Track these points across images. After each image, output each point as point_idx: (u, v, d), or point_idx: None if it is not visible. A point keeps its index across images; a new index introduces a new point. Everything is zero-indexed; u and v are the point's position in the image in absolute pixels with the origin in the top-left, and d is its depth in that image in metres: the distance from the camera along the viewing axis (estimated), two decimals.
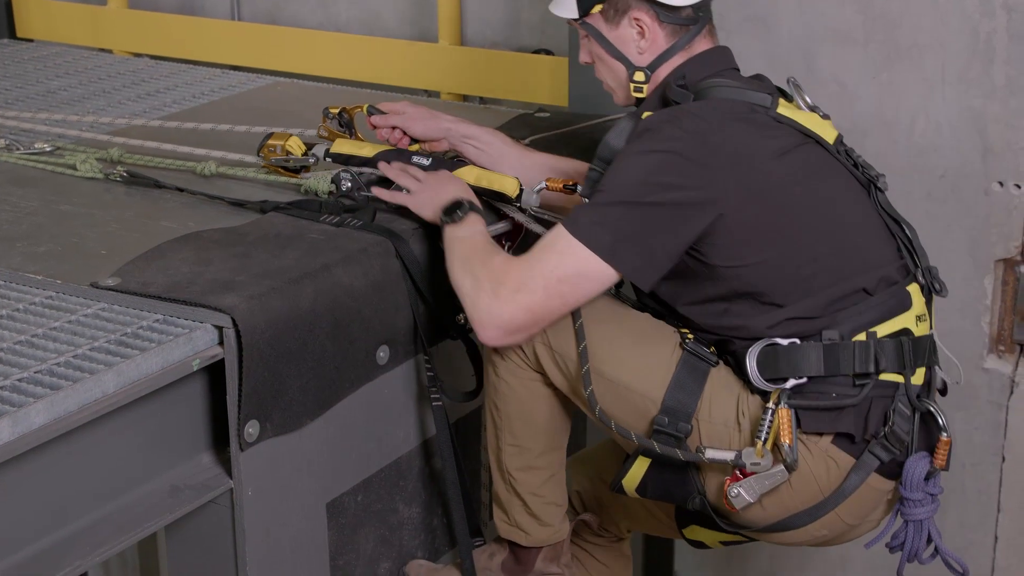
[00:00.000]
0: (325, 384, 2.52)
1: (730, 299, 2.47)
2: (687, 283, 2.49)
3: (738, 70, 2.66)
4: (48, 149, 3.22)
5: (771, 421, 2.40)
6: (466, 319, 2.73)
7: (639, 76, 2.61)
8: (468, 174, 2.83)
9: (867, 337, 2.44)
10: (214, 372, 2.37)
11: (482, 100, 4.10)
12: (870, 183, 2.58)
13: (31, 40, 4.80)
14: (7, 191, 2.98)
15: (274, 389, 2.39)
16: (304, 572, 2.58)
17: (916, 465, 2.47)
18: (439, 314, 2.73)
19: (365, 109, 3.01)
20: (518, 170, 2.90)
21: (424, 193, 2.70)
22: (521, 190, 2.80)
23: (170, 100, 3.78)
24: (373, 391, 2.66)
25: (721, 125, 2.42)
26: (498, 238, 2.82)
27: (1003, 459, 3.39)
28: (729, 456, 2.41)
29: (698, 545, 2.80)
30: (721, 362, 2.52)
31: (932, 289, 2.59)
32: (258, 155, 3.01)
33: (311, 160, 2.95)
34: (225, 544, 2.44)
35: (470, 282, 2.46)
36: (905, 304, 2.51)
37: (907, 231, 2.59)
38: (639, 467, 2.55)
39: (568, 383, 2.57)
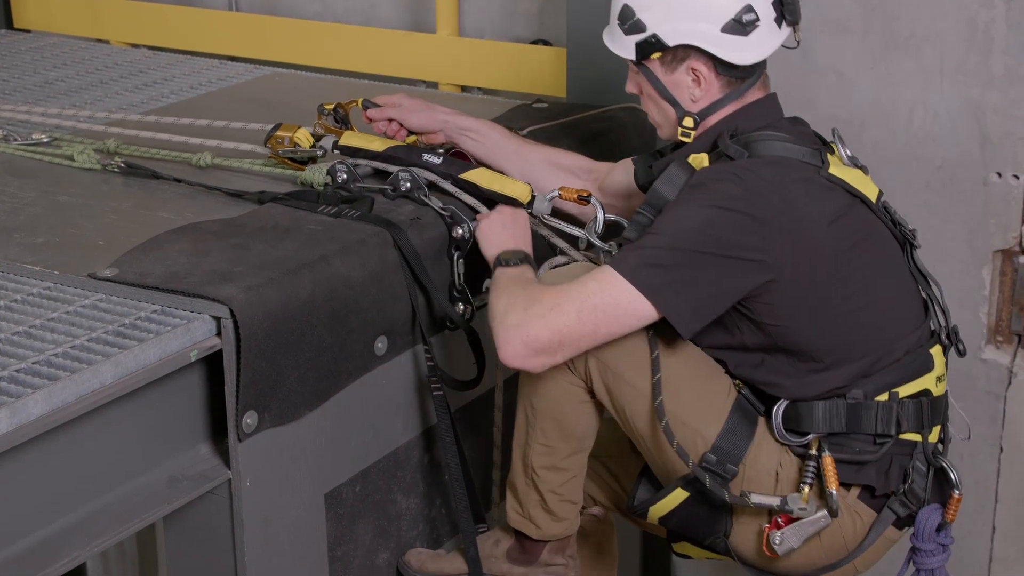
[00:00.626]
0: (323, 375, 2.52)
1: (769, 351, 2.49)
2: (726, 329, 2.50)
3: (785, 117, 2.61)
4: (46, 140, 3.22)
5: (815, 468, 2.46)
6: (472, 310, 2.77)
7: (688, 122, 2.55)
8: (479, 176, 2.82)
9: (889, 398, 2.49)
10: (212, 363, 2.37)
11: (482, 91, 4.10)
12: (906, 240, 2.60)
13: (28, 31, 4.79)
14: (5, 182, 2.98)
15: (272, 380, 2.39)
16: (302, 562, 2.59)
17: (929, 518, 2.55)
18: (438, 304, 2.73)
19: (360, 103, 3.01)
20: (516, 163, 2.90)
21: (493, 228, 2.66)
22: (533, 196, 2.79)
23: (168, 91, 3.77)
24: (371, 382, 2.66)
25: (782, 188, 2.39)
26: None
27: (1001, 449, 3.39)
28: (775, 502, 2.45)
29: (683, 556, 2.82)
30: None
31: (957, 350, 2.65)
32: (265, 145, 3.00)
33: (319, 152, 2.94)
34: (223, 534, 2.44)
35: (504, 302, 2.43)
36: (928, 366, 2.55)
37: (935, 288, 2.63)
38: (675, 498, 2.56)
39: (612, 401, 2.56)
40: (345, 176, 2.83)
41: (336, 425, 2.59)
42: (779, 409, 2.50)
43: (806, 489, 2.45)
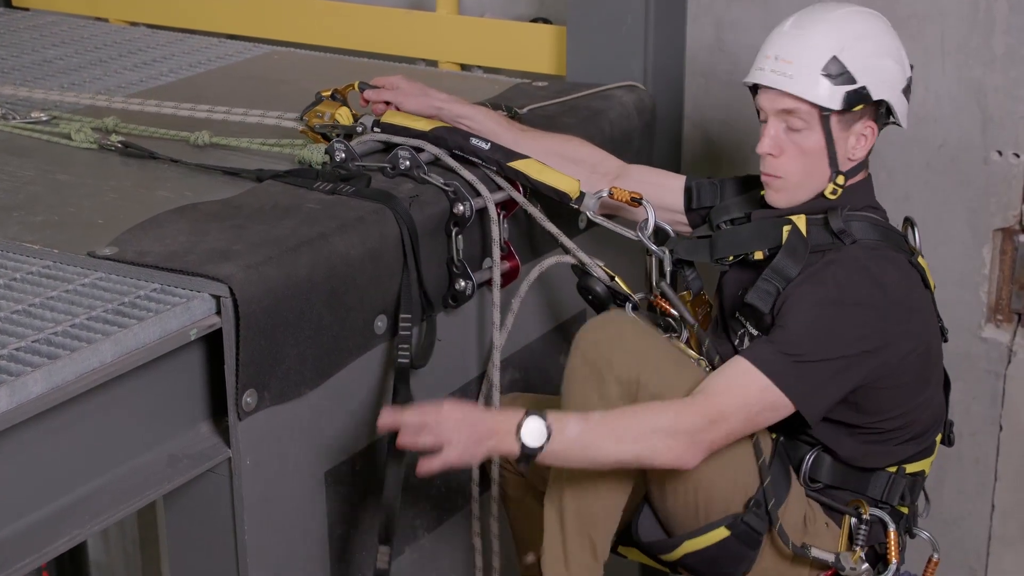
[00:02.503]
0: (323, 353, 2.51)
1: (835, 418, 2.57)
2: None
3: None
4: (44, 118, 3.21)
5: (867, 531, 2.61)
6: (472, 286, 2.77)
7: (841, 179, 2.58)
8: (529, 167, 2.80)
9: (897, 470, 2.62)
10: (212, 341, 2.37)
11: (483, 70, 4.09)
12: (942, 332, 2.73)
13: (27, 9, 4.77)
14: (4, 160, 2.97)
15: (272, 358, 2.39)
16: (302, 541, 2.59)
17: None
18: (436, 281, 2.73)
19: (356, 86, 2.99)
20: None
21: (462, 439, 2.34)
22: (582, 193, 2.79)
23: (166, 69, 3.76)
24: (371, 360, 2.66)
25: (910, 288, 2.55)
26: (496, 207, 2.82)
27: (1000, 428, 3.40)
28: (830, 558, 2.59)
29: (619, 554, 2.85)
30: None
31: (947, 439, 2.79)
32: (301, 118, 2.98)
33: (358, 128, 2.92)
34: (224, 513, 2.45)
35: (652, 445, 2.42)
36: (931, 451, 2.70)
37: (948, 381, 2.77)
38: (716, 535, 2.59)
39: None
40: (344, 155, 2.82)
41: (336, 404, 2.59)
42: (811, 458, 2.62)
43: (858, 551, 2.59)
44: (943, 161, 3.31)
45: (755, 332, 2.56)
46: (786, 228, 2.57)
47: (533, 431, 2.35)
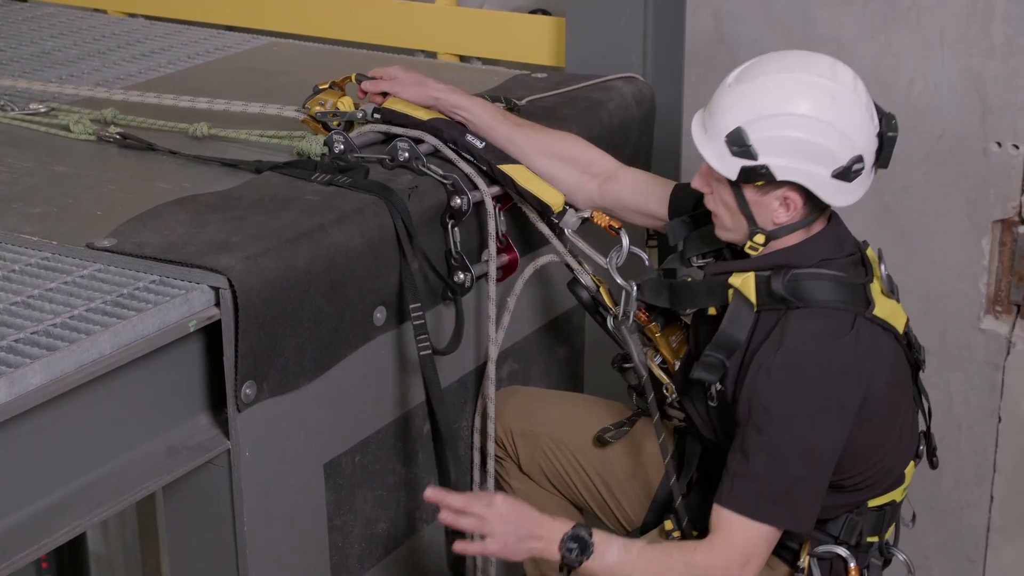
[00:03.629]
0: (322, 345, 2.52)
1: None
2: None
3: (835, 233, 2.57)
4: (43, 110, 3.20)
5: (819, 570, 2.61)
6: (471, 278, 2.78)
7: (760, 239, 2.49)
8: (517, 172, 2.80)
9: (855, 512, 2.61)
10: (211, 333, 2.37)
11: (482, 61, 4.09)
12: (917, 367, 2.66)
13: (25, 0, 4.77)
14: (2, 152, 2.97)
15: (271, 350, 2.39)
16: (302, 532, 2.59)
17: None
18: (435, 272, 2.73)
19: (354, 78, 2.98)
20: (504, 148, 2.85)
21: (507, 535, 2.45)
22: (565, 208, 2.78)
23: (165, 61, 3.76)
24: (370, 352, 2.66)
25: (864, 364, 2.44)
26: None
27: (999, 419, 3.40)
28: None
29: None
30: None
31: (930, 464, 2.75)
32: (303, 106, 2.98)
33: (358, 115, 2.91)
34: (223, 505, 2.45)
35: None
36: (899, 482, 2.64)
37: (929, 409, 2.72)
38: None
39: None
40: (342, 146, 2.81)
41: (335, 395, 2.59)
42: None
43: None
44: (942, 151, 3.30)
45: (719, 387, 2.53)
46: (730, 292, 2.50)
47: (576, 547, 2.42)
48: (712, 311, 2.56)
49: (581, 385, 3.34)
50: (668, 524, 2.71)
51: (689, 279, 2.66)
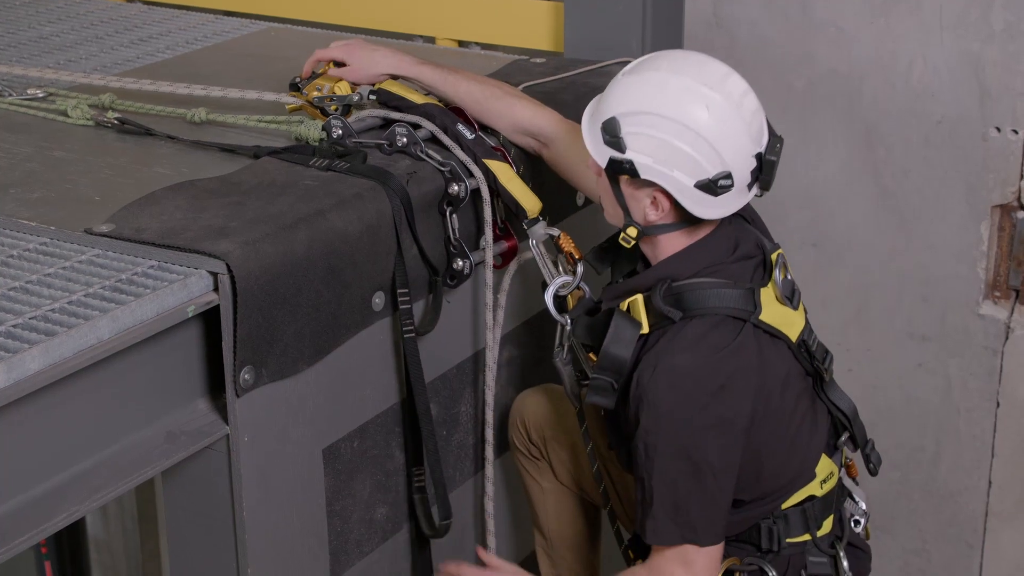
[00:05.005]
0: (320, 330, 2.52)
1: None
2: None
3: (733, 230, 2.51)
4: (41, 95, 3.20)
5: None
6: (470, 265, 2.79)
7: (632, 232, 2.45)
8: (500, 171, 2.79)
9: (770, 517, 2.55)
10: (209, 318, 2.37)
11: (480, 46, 4.08)
12: (818, 375, 2.56)
13: None
14: (0, 137, 2.97)
15: (269, 335, 2.39)
16: (301, 517, 2.59)
17: None
18: (434, 257, 2.73)
19: (331, 66, 2.98)
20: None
21: None
22: (537, 219, 2.76)
23: (163, 46, 3.75)
24: (369, 337, 2.66)
25: (747, 378, 2.39)
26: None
27: (998, 404, 3.40)
28: None
29: None
30: None
31: (867, 468, 2.70)
32: (301, 91, 2.97)
33: (355, 98, 2.91)
34: (222, 490, 2.45)
35: None
36: (808, 477, 2.56)
37: (847, 415, 2.61)
38: None
39: None
40: (340, 132, 2.81)
41: (334, 381, 2.59)
42: None
43: None
44: (941, 136, 3.30)
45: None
46: (616, 314, 2.47)
47: None
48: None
49: None
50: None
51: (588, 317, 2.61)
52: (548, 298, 2.69)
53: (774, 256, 2.50)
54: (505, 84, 2.97)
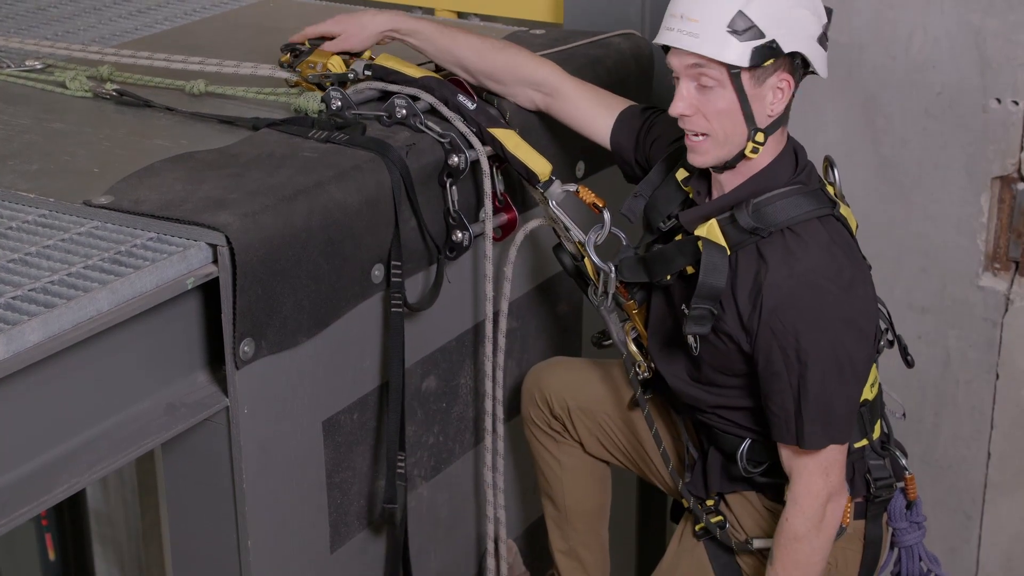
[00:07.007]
0: (320, 302, 2.52)
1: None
2: (741, 385, 2.61)
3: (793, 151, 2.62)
4: (39, 66, 3.19)
5: None
6: (470, 237, 2.80)
7: (760, 137, 2.48)
8: (507, 138, 2.78)
9: None
10: (209, 290, 2.37)
11: (480, 17, 4.07)
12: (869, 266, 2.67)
13: None
14: None
15: (269, 307, 2.39)
16: (301, 489, 2.60)
17: (895, 501, 2.78)
18: (433, 229, 2.73)
19: (307, 44, 2.98)
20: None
21: None
22: (551, 179, 2.77)
23: (161, 17, 3.74)
24: (368, 309, 2.66)
25: (860, 261, 2.55)
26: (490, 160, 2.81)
27: (997, 376, 3.40)
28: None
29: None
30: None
31: (905, 361, 2.81)
32: (295, 69, 2.97)
33: (350, 75, 2.90)
34: (222, 461, 2.46)
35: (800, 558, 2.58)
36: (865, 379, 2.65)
37: (886, 309, 2.75)
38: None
39: None
40: (340, 103, 2.80)
41: (334, 353, 2.59)
42: (745, 448, 2.66)
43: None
44: (941, 107, 3.29)
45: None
46: (700, 243, 2.50)
47: None
48: (690, 270, 2.55)
49: (580, 341, 3.35)
50: (684, 503, 2.82)
51: (658, 248, 2.64)
52: (590, 248, 2.69)
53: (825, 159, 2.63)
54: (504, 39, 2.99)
